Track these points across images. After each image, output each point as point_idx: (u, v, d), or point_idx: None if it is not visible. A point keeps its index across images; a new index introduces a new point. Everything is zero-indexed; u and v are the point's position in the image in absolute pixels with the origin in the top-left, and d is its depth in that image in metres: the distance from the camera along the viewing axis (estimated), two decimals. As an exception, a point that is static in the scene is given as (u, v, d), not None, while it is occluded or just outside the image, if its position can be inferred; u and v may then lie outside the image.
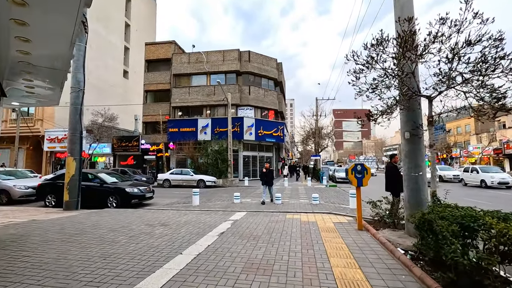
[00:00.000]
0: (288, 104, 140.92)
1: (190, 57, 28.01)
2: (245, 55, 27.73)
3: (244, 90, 27.32)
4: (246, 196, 13.77)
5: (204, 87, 27.65)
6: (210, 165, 23.28)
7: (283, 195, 14.26)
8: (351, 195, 9.60)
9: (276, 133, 28.22)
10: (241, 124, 25.92)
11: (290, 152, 61.23)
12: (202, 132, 26.44)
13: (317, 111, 32.73)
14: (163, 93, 28.91)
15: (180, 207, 10.28)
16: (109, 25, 40.47)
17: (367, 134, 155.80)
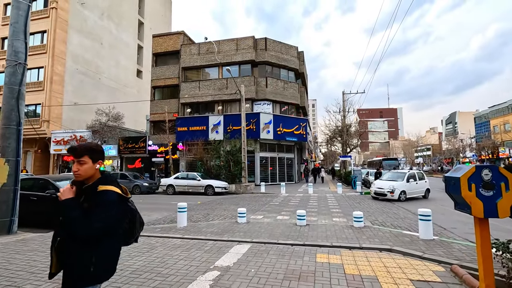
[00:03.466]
0: (310, 104, 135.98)
1: (200, 47, 25.17)
2: (261, 42, 24.44)
3: (261, 82, 24.01)
4: (258, 210, 10.37)
5: (215, 81, 24.67)
6: (222, 168, 20.18)
7: (308, 208, 10.72)
8: (421, 217, 5.91)
9: (297, 131, 24.60)
10: (257, 121, 22.60)
11: (313, 154, 57.02)
12: (214, 130, 23.43)
13: (344, 106, 28.74)
14: (171, 89, 26.31)
15: (159, 230, 7.11)
16: (122, 23, 38.94)
17: (394, 134, 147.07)
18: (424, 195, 14.40)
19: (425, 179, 14.88)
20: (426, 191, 14.56)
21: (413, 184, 14.01)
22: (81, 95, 31.42)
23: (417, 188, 14.17)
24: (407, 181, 13.80)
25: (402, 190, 13.42)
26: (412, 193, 13.96)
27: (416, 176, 14.45)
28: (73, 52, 31.31)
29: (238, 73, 24.40)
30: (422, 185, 14.46)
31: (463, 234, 6.77)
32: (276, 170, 24.66)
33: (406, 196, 13.47)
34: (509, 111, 53.90)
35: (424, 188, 14.52)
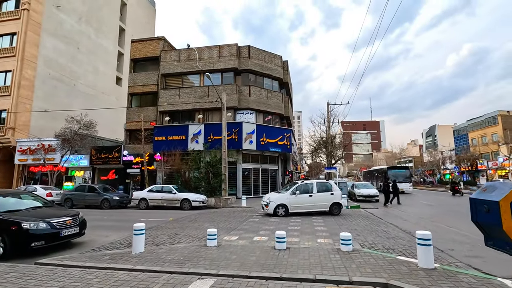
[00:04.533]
0: (296, 116, 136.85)
1: (181, 54, 24.19)
2: (244, 50, 23.76)
3: (244, 91, 23.18)
4: (234, 229, 9.22)
5: (196, 88, 23.62)
6: (201, 180, 18.92)
7: (290, 225, 9.67)
8: (420, 242, 4.99)
9: (281, 142, 23.76)
10: (239, 131, 21.61)
11: (299, 165, 56.39)
12: (194, 140, 22.20)
13: (329, 116, 28.30)
14: (149, 96, 24.99)
15: (107, 257, 5.83)
16: (101, 29, 37.54)
17: (377, 146, 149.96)
18: (330, 211, 12.29)
19: (331, 191, 12.51)
20: (332, 206, 12.36)
21: (304, 198, 12.13)
22: (54, 102, 29.49)
23: (311, 202, 12.18)
24: (293, 193, 12.14)
25: (280, 203, 12.00)
26: (302, 207, 12.16)
27: (315, 188, 12.43)
28: (46, 56, 29.56)
29: (220, 81, 23.50)
30: (322, 198, 12.33)
31: (464, 259, 5.91)
32: (259, 182, 23.57)
33: (288, 211, 11.94)
34: (486, 125, 55.70)
35: (329, 202, 12.34)
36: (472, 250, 6.66)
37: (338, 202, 12.51)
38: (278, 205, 12.07)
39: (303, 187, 12.56)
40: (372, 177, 37.70)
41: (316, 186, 12.55)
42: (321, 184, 12.86)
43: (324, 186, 12.80)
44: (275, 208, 12.04)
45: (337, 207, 12.50)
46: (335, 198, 12.48)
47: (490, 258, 5.99)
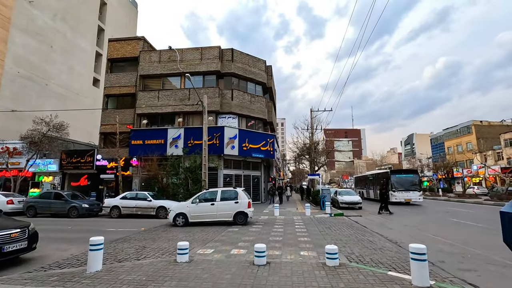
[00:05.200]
0: (279, 123, 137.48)
1: (162, 55, 23.28)
2: (227, 53, 23.21)
3: (226, 94, 22.54)
4: (210, 240, 8.44)
5: (177, 91, 22.74)
6: (180, 187, 17.96)
7: (272, 235, 9.01)
8: (414, 256, 4.47)
9: (264, 147, 23.22)
10: (221, 135, 20.88)
11: (282, 171, 56.10)
12: (173, 145, 21.22)
13: (312, 123, 28.17)
14: (127, 98, 23.80)
15: (55, 278, 4.93)
16: (78, 27, 35.91)
17: (358, 154, 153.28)
18: (234, 220, 11.49)
19: (236, 200, 11.68)
20: (237, 216, 11.53)
21: (205, 206, 11.53)
22: (22, 102, 27.62)
23: (213, 211, 11.49)
24: (194, 202, 11.67)
25: (180, 212, 11.48)
26: (203, 216, 11.49)
27: (218, 196, 11.74)
28: (15, 53, 27.75)
29: (202, 84, 22.76)
30: (225, 207, 11.57)
31: (458, 272, 5.46)
32: (241, 188, 22.78)
33: (188, 220, 11.41)
34: (461, 134, 57.98)
35: (233, 211, 11.53)
36: (463, 262, 6.26)
37: (243, 211, 11.55)
38: (178, 214, 11.48)
39: (207, 195, 12.03)
40: (367, 183, 30.95)
41: (220, 194, 11.86)
42: (226, 192, 12.10)
43: (229, 194, 12.02)
44: (174, 217, 11.43)
45: (242, 217, 11.56)
46: (240, 207, 11.55)
47: (484, 271, 5.59)
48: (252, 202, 22.66)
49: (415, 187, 22.45)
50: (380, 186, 20.01)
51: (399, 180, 22.49)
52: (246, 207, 11.64)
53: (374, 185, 26.11)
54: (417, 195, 21.88)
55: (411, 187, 22.25)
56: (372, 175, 29.53)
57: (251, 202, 11.99)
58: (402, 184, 22.22)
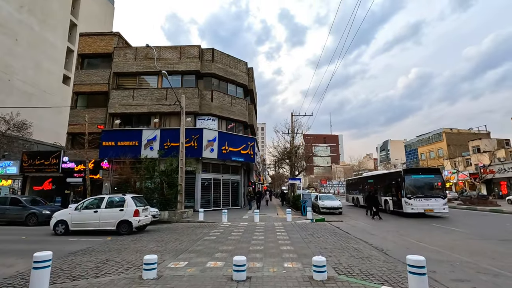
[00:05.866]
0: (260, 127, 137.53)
1: (138, 52, 22.11)
2: (208, 53, 22.46)
3: (206, 95, 21.73)
4: (185, 250, 7.64)
5: (153, 90, 21.62)
6: (154, 192, 16.85)
7: (252, 244, 8.35)
8: (412, 269, 4.00)
9: (245, 151, 22.58)
10: (199, 138, 20.00)
11: (262, 176, 55.64)
12: (148, 147, 20.04)
13: (293, 126, 27.96)
14: (99, 97, 22.31)
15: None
16: (48, 21, 33.65)
17: (336, 159, 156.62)
18: (118, 230, 10.68)
19: (122, 207, 10.91)
20: (120, 225, 10.74)
21: (88, 214, 10.85)
22: (-20, 98, 25.17)
23: (95, 219, 10.75)
24: (77, 208, 11.00)
25: (61, 219, 10.75)
26: (85, 224, 10.79)
27: (104, 203, 11.02)
28: (-27, 45, 25.31)
29: (180, 84, 21.83)
30: (109, 215, 10.81)
31: (452, 284, 5.10)
32: (220, 193, 21.97)
33: (69, 228, 10.70)
34: (433, 141, 60.55)
35: (116, 219, 10.75)
36: (454, 271, 5.94)
37: (127, 220, 10.76)
38: (59, 221, 10.77)
39: (92, 201, 11.39)
40: (364, 187, 23.91)
41: (107, 201, 11.16)
42: (112, 199, 11.39)
43: (115, 201, 11.30)
44: (54, 225, 10.72)
45: (126, 226, 10.75)
46: (125, 215, 10.83)
47: (477, 282, 5.26)
48: (231, 207, 22.09)
49: (438, 192, 16.74)
50: (391, 192, 17.76)
51: (416, 182, 16.78)
52: (132, 216, 10.82)
53: (378, 189, 20.57)
54: (440, 203, 16.06)
55: (433, 193, 16.64)
56: (374, 176, 23.29)
57: (139, 211, 11.07)
58: (420, 188, 16.63)
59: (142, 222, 11.30)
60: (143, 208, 11.55)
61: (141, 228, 11.72)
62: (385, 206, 19.16)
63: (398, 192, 17.23)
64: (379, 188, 20.68)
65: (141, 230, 11.74)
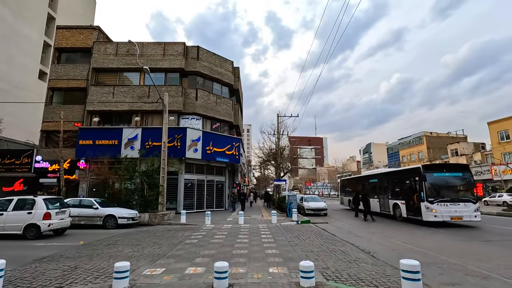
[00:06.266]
0: (245, 129, 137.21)
1: (119, 47, 21.23)
2: (193, 50, 21.90)
3: (190, 94, 21.15)
4: (163, 256, 7.13)
5: (135, 87, 20.80)
6: (134, 193, 16.12)
7: (236, 247, 7.94)
8: (405, 275, 3.75)
9: (230, 151, 22.13)
10: (183, 137, 19.38)
11: (247, 177, 55.25)
12: (128, 146, 19.21)
13: (279, 128, 27.79)
14: (76, 93, 21.24)
15: None
16: (23, 13, 31.90)
17: (320, 161, 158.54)
18: (24, 234, 10.02)
19: (30, 210, 10.22)
20: (27, 229, 10.06)
21: None
22: None
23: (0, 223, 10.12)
24: None
25: None
26: None
27: (12, 205, 10.33)
28: None
29: (164, 81, 21.13)
30: (15, 218, 10.16)
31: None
32: (203, 195, 21.39)
33: None
34: (413, 144, 62.27)
35: (23, 223, 10.05)
36: (443, 274, 5.79)
37: (35, 224, 10.06)
38: None
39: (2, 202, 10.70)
40: (367, 189, 19.81)
41: (15, 203, 10.42)
42: (22, 201, 10.61)
43: (24, 203, 10.52)
44: None
45: (34, 230, 10.07)
46: (33, 219, 10.05)
47: (467, 285, 5.11)
48: (215, 208, 21.55)
49: (468, 195, 13.23)
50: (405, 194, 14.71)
51: (439, 182, 13.32)
52: (41, 219, 10.12)
53: (383, 191, 17.40)
54: (471, 209, 12.66)
55: (461, 195, 13.19)
56: (380, 175, 18.70)
57: (51, 213, 10.41)
58: (446, 189, 13.33)
59: (55, 225, 10.58)
60: (58, 210, 10.86)
61: (59, 232, 11.33)
62: (393, 212, 15.74)
63: (415, 194, 13.72)
64: (385, 189, 17.39)
65: (60, 234, 11.32)
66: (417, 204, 13.54)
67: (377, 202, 18.04)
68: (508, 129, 35.47)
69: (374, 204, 17.73)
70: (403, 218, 14.82)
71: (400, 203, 15.10)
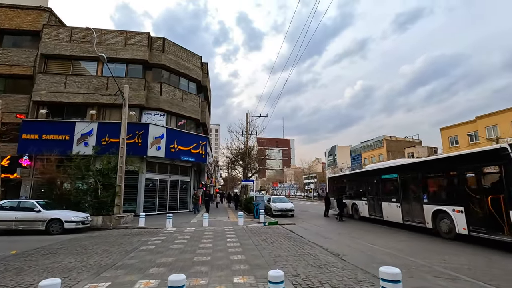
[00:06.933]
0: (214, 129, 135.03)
1: (73, 33, 19.23)
2: (158, 42, 20.56)
3: (154, 88, 19.80)
4: (111, 266, 6.17)
5: (91, 78, 18.95)
6: (86, 194, 14.51)
7: (198, 254, 7.19)
8: (385, 284, 3.36)
9: (196, 150, 21.11)
10: (144, 134, 18.02)
11: (214, 178, 54.00)
12: (82, 142, 17.40)
13: (248, 127, 27.31)
14: (21, 81, 18.82)
15: None
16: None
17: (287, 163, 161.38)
18: None
19: None
20: None
21: None
22: None
23: None
24: None
25: None
26: None
27: None
28: None
29: (125, 73, 19.55)
30: None
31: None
32: (167, 196, 20.13)
33: None
34: (375, 147, 65.57)
35: None
36: (413, 276, 5.63)
37: None
38: None
39: None
40: (380, 186, 14.34)
41: None
42: None
43: None
44: None
45: None
46: None
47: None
48: (178, 210, 20.38)
49: None
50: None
51: None
52: None
53: (417, 191, 11.55)
54: None
55: None
56: (413, 166, 12.56)
57: None
58: None
59: None
60: None
61: None
62: (434, 224, 10.41)
63: (488, 196, 8.46)
64: (415, 188, 11.71)
65: None
66: (493, 212, 8.18)
67: (396, 208, 12.39)
68: (458, 134, 38.54)
69: (389, 211, 12.92)
70: (456, 234, 9.39)
71: (453, 211, 9.52)
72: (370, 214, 15.03)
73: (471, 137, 34.49)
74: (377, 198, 14.37)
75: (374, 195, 14.69)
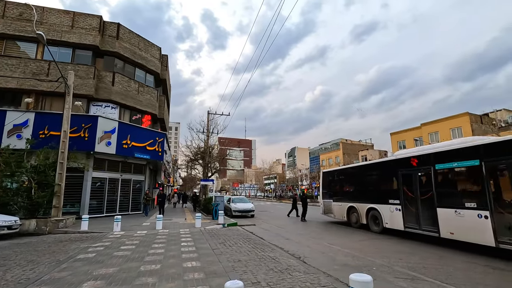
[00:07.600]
0: (173, 127, 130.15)
1: (8, 8, 16.64)
2: (111, 27, 18.74)
3: (105, 77, 17.99)
4: (34, 282, 5.07)
5: (28, 61, 16.55)
6: (17, 194, 12.47)
7: (146, 261, 6.33)
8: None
9: (152, 147, 19.65)
10: (92, 127, 16.20)
11: (172, 178, 51.64)
12: (14, 133, 15.05)
13: (209, 125, 26.41)
14: None
15: None
16: None
17: (248, 163, 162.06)
18: None
19: None
20: None
21: None
22: None
23: None
24: None
25: None
26: None
27: None
28: None
29: (71, 59, 17.47)
30: None
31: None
32: (117, 196, 18.41)
33: None
34: (332, 149, 68.60)
35: None
36: (376, 279, 5.47)
37: None
38: None
39: None
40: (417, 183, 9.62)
41: None
42: None
43: None
44: None
45: None
46: None
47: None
48: (130, 212, 18.79)
49: None
50: None
51: None
52: None
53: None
54: None
55: None
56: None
57: None
58: None
59: None
60: None
61: None
62: None
63: None
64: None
65: None
66: None
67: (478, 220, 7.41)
68: (405, 139, 41.75)
69: (459, 224, 7.95)
70: None
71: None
72: (407, 225, 9.95)
73: (416, 142, 37.55)
74: (425, 202, 9.23)
75: (419, 196, 9.52)
